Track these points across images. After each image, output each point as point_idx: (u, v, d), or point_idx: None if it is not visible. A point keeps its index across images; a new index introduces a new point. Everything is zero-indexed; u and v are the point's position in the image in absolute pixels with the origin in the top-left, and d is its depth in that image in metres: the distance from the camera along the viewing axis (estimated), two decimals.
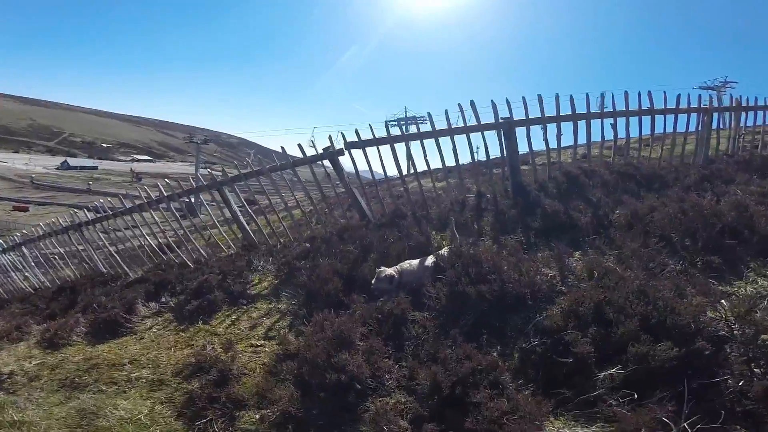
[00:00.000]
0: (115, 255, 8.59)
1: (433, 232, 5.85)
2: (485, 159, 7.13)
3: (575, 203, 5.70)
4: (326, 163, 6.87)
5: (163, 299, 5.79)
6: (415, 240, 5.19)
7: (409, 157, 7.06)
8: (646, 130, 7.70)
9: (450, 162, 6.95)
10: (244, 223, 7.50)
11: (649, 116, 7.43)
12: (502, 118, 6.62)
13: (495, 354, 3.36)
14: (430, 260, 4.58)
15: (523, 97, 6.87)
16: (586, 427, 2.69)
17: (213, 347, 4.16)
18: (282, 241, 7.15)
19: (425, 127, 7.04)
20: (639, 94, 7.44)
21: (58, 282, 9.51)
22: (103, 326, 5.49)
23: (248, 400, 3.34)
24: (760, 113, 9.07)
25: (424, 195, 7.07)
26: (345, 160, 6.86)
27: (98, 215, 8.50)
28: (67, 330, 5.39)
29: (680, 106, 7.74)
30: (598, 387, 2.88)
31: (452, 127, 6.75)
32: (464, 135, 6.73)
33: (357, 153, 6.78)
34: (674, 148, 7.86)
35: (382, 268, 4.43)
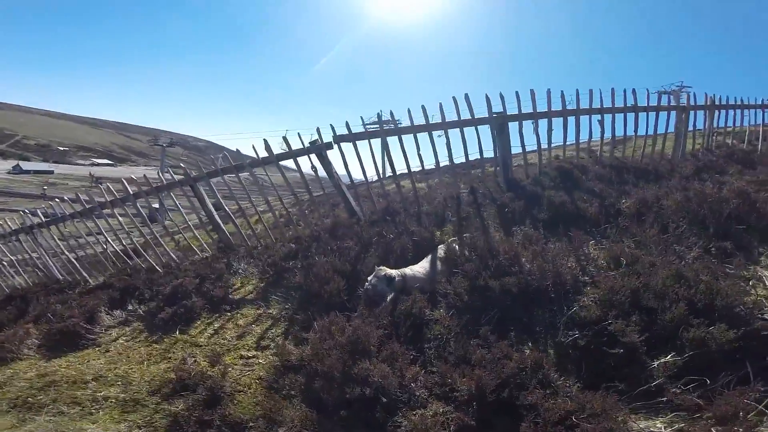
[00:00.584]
0: (73, 261, 7.64)
1: (432, 228, 5.40)
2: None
3: (578, 195, 5.41)
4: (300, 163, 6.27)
5: (130, 307, 5.06)
6: (418, 235, 4.71)
7: (403, 153, 6.55)
8: (628, 128, 7.65)
9: (442, 158, 6.54)
10: (221, 222, 6.79)
11: (633, 113, 7.29)
12: (495, 113, 6.36)
13: (527, 351, 3.02)
14: (439, 254, 4.12)
15: (517, 92, 6.55)
16: (660, 418, 2.45)
17: (195, 360, 3.54)
18: (262, 242, 6.51)
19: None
20: (624, 92, 7.35)
21: (6, 290, 8.41)
22: (59, 338, 4.75)
23: (249, 423, 2.77)
24: (731, 112, 9.34)
25: (417, 191, 6.61)
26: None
27: (52, 216, 7.53)
28: (17, 342, 4.63)
29: (661, 104, 8.03)
30: (656, 376, 2.65)
31: (446, 120, 6.36)
32: (458, 129, 6.35)
33: (347, 147, 6.25)
34: (655, 144, 7.83)
35: (382, 267, 3.90)
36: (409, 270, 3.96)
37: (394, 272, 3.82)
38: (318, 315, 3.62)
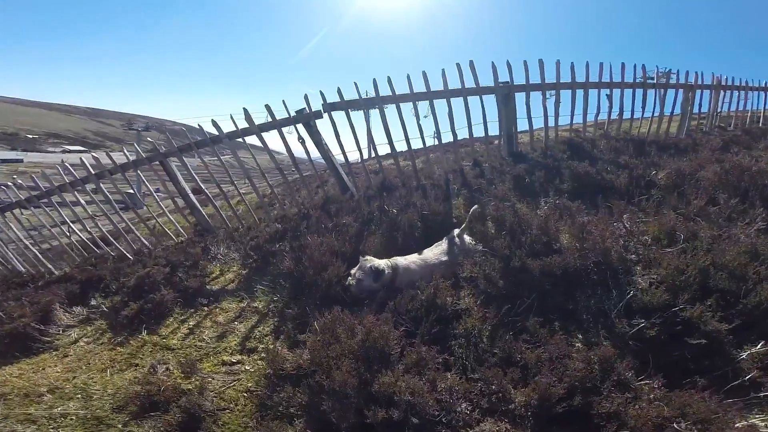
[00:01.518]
0: (34, 251, 6.72)
1: (441, 201, 4.71)
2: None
3: (602, 166, 4.82)
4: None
5: (93, 302, 4.30)
6: (427, 208, 4.01)
7: (401, 124, 5.81)
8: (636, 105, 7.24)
9: (444, 130, 5.86)
10: (196, 201, 5.96)
11: (642, 89, 6.92)
12: (501, 82, 5.81)
13: (578, 344, 2.46)
14: (445, 245, 3.39)
15: (525, 62, 5.96)
16: (759, 415, 1.99)
17: (167, 368, 2.81)
18: (244, 223, 5.74)
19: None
20: (634, 66, 6.86)
21: None
22: (9, 341, 3.97)
23: None
24: (735, 95, 9.14)
25: (415, 166, 5.90)
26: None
27: (4, 203, 6.56)
28: None
29: (669, 82, 7.57)
30: (746, 369, 2.20)
31: (449, 88, 5.65)
32: (461, 98, 5.68)
33: (339, 117, 5.47)
34: (661, 122, 7.42)
35: (368, 257, 3.19)
36: (402, 260, 3.25)
37: (383, 263, 3.12)
38: (315, 309, 2.94)
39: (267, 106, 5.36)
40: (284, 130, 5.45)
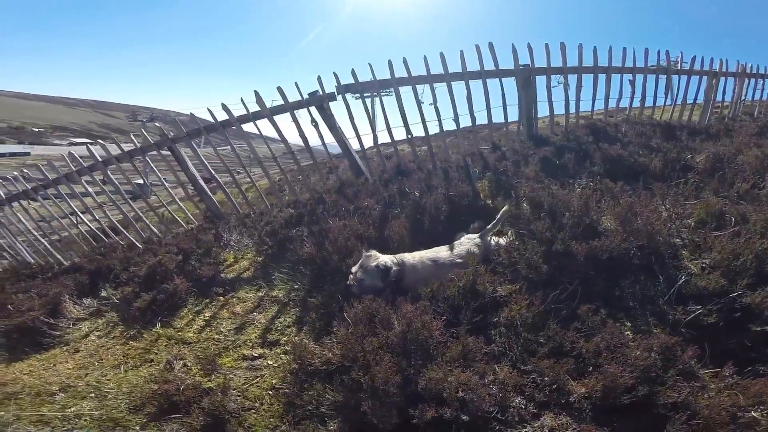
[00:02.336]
0: (43, 241, 6.54)
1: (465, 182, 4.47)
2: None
3: (633, 149, 4.59)
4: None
5: (103, 293, 4.11)
6: (454, 189, 3.76)
7: (418, 107, 5.53)
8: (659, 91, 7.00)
9: (462, 113, 5.61)
10: (205, 187, 5.75)
11: (666, 75, 6.78)
12: (522, 65, 5.60)
13: (628, 332, 2.27)
14: (466, 245, 2.97)
15: (546, 44, 5.72)
16: None
17: (185, 364, 2.62)
18: (255, 209, 5.53)
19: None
20: (658, 53, 6.67)
21: None
22: (17, 336, 3.79)
23: None
24: (760, 81, 8.89)
25: (431, 149, 5.64)
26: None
27: (11, 193, 6.35)
28: None
29: (694, 68, 7.25)
30: None
31: (467, 70, 5.41)
32: (480, 80, 5.44)
33: (352, 100, 5.21)
34: (683, 110, 7.23)
35: (371, 252, 2.83)
36: (410, 257, 2.88)
37: (389, 260, 2.77)
38: (341, 298, 2.73)
39: (279, 89, 5.12)
40: (297, 113, 5.22)
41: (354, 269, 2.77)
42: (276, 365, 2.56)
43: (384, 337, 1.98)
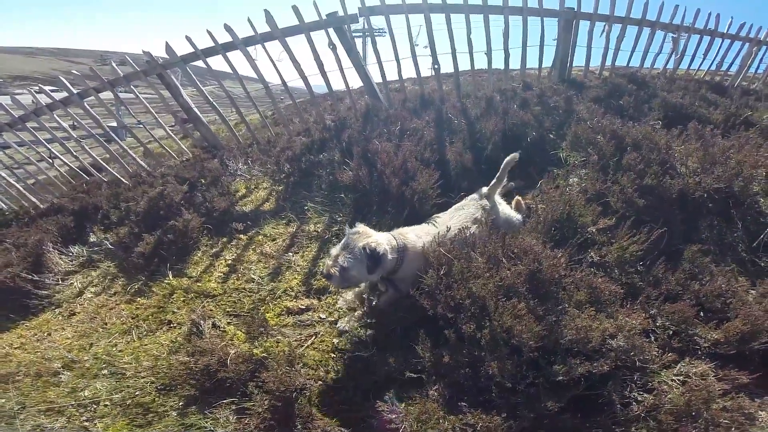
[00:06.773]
0: (17, 186, 5.55)
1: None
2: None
3: (690, 99, 4.15)
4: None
5: (93, 237, 3.35)
6: (515, 117, 3.09)
7: (450, 37, 4.71)
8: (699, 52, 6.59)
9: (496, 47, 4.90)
10: (200, 115, 4.86)
11: (710, 37, 6.40)
12: (566, 8, 5.18)
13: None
14: (471, 209, 2.22)
15: None
16: None
17: (214, 324, 1.98)
18: (261, 137, 4.75)
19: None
20: (709, 15, 6.25)
21: None
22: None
23: None
24: None
25: (459, 82, 5.04)
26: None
27: None
28: None
29: (740, 34, 6.70)
30: None
31: (508, 5, 4.75)
32: (520, 17, 4.96)
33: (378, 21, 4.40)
34: (715, 75, 6.86)
35: (359, 228, 1.92)
36: (412, 235, 2.00)
37: (383, 241, 1.89)
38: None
39: (294, 7, 4.20)
40: (312, 35, 4.34)
41: (334, 251, 1.89)
42: (331, 320, 1.98)
43: (505, 275, 1.39)
